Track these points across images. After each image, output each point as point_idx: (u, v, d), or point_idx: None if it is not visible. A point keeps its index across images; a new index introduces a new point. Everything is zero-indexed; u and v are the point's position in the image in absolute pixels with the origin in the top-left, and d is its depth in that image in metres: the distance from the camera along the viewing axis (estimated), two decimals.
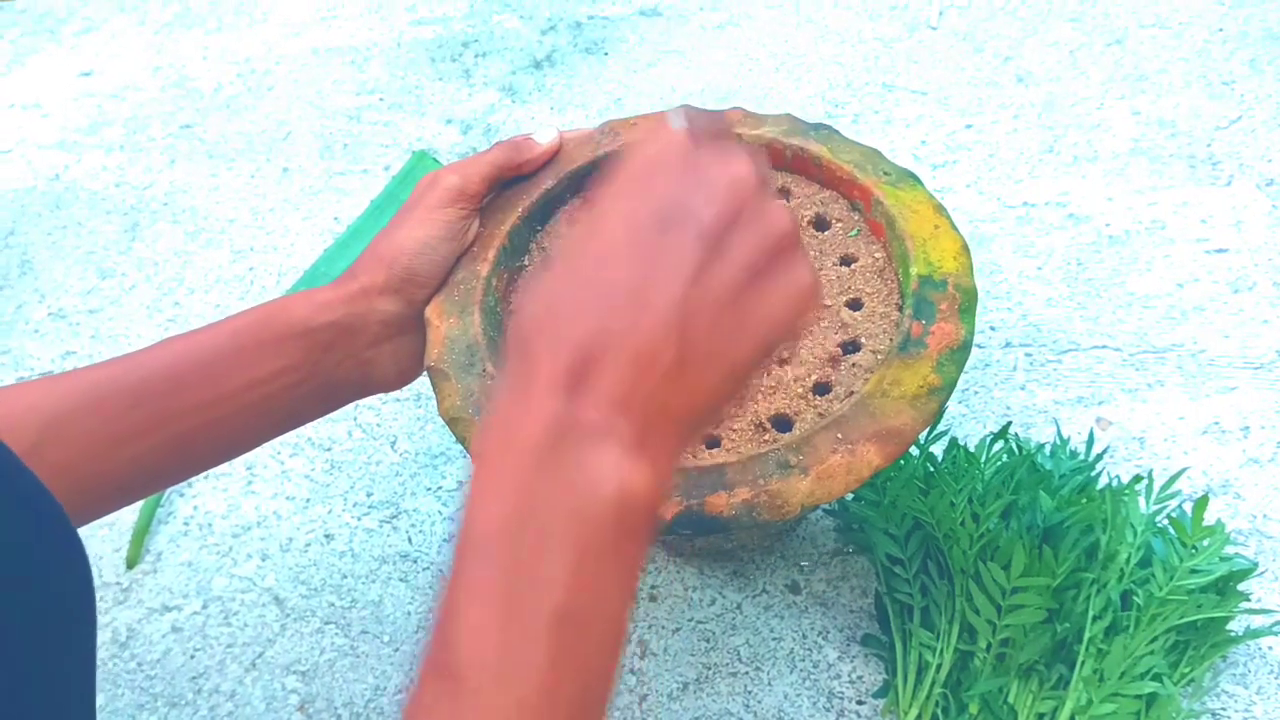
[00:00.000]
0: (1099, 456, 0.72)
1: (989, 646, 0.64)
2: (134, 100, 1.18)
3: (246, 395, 0.59)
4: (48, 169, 1.12)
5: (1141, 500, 0.68)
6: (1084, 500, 0.66)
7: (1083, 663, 0.63)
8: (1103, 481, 0.73)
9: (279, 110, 1.14)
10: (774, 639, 0.72)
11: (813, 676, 0.70)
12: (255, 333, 0.60)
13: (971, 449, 0.70)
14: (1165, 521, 0.68)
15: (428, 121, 1.10)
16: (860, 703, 0.69)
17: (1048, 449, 0.73)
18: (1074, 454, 0.72)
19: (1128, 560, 0.64)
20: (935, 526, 0.66)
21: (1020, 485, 0.67)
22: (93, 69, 1.22)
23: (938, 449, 0.72)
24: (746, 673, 0.71)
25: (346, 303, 0.61)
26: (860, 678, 0.70)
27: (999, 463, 0.69)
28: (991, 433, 0.71)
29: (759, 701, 0.70)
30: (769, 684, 0.70)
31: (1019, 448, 0.71)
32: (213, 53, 1.22)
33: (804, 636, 0.72)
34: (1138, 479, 0.68)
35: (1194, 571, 0.63)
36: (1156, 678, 0.63)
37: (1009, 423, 0.72)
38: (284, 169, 1.08)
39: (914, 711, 0.66)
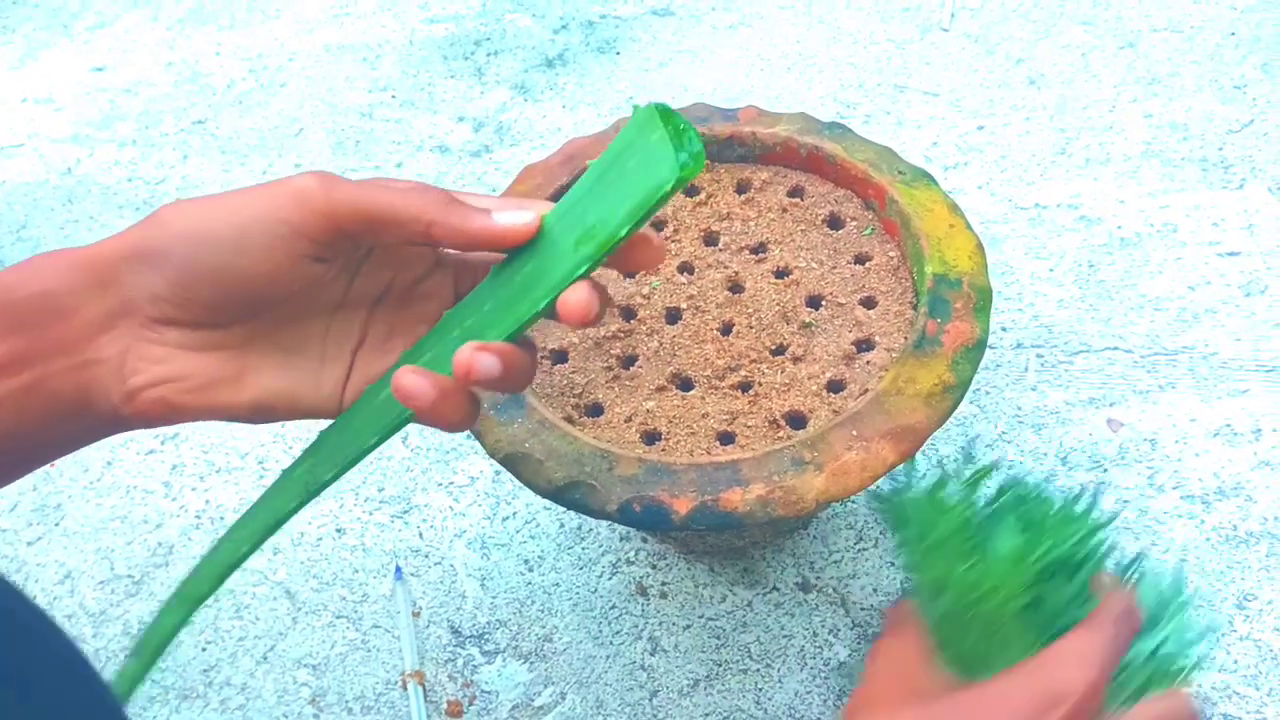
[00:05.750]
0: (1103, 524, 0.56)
1: None
2: (146, 95, 1.18)
3: None
4: (60, 163, 1.12)
5: None
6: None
7: None
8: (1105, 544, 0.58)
9: (291, 107, 1.14)
10: (785, 636, 0.72)
11: (823, 674, 0.70)
12: None
13: (979, 464, 0.60)
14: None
15: (440, 119, 1.11)
16: None
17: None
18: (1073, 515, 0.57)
19: None
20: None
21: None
22: (105, 64, 1.23)
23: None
24: (757, 670, 0.71)
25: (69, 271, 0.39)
26: None
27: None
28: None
29: (770, 699, 0.70)
30: (780, 681, 0.70)
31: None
32: (225, 49, 1.22)
33: (815, 634, 0.72)
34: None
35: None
36: None
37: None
38: (296, 165, 1.08)
39: None
